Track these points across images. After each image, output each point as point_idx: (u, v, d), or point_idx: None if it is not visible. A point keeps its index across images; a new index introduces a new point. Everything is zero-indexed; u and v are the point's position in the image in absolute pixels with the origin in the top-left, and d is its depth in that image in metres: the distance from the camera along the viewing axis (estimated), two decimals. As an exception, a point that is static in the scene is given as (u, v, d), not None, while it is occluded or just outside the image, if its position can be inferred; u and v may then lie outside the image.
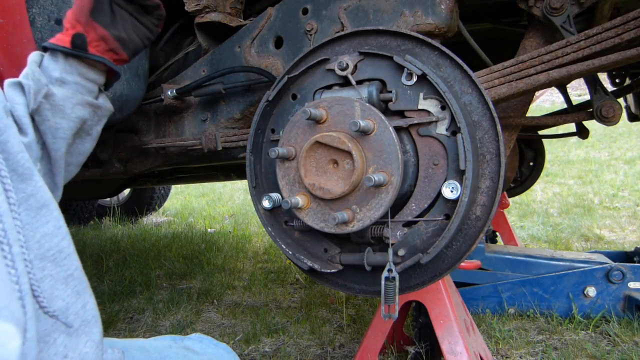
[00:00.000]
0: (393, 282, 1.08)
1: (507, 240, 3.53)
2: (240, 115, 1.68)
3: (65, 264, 0.72)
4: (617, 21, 1.15)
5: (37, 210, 0.71)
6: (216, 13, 1.59)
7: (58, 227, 0.73)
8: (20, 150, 0.71)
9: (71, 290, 0.72)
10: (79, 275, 0.75)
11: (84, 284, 0.76)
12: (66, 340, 0.70)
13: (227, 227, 5.29)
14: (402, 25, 1.33)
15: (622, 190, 6.27)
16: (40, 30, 1.45)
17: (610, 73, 2.56)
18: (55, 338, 0.69)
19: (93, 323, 0.75)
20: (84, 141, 1.02)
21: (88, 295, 0.76)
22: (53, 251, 0.71)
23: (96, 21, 1.00)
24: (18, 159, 0.70)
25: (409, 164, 1.12)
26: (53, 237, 0.71)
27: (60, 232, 0.73)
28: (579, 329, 2.35)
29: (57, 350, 0.68)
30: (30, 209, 0.70)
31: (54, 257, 0.71)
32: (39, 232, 0.70)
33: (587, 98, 1.89)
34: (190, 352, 1.05)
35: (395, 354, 2.02)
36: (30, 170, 0.72)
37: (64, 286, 0.71)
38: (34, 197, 0.71)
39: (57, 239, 0.72)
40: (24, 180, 0.70)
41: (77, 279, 0.74)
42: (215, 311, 2.83)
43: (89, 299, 0.76)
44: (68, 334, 0.70)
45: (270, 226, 1.26)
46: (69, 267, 0.73)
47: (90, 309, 0.76)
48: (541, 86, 1.26)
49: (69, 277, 0.72)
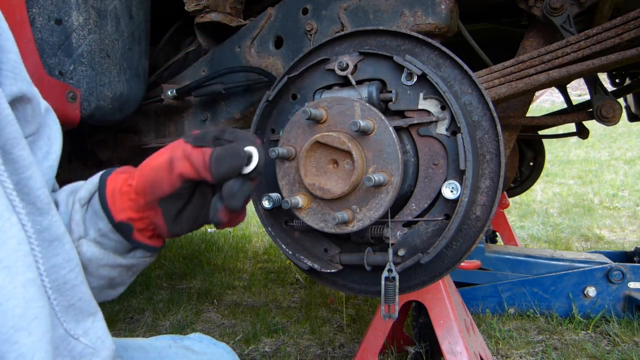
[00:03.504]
0: (393, 282, 1.08)
1: (507, 240, 3.53)
2: (240, 115, 1.68)
3: (68, 295, 0.76)
4: (617, 21, 1.15)
5: (50, 243, 0.74)
6: (216, 13, 1.59)
7: (67, 260, 0.76)
8: (42, 187, 0.73)
9: (71, 318, 0.76)
10: (81, 306, 0.78)
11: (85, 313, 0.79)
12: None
13: (227, 227, 5.28)
14: (402, 25, 1.33)
15: (622, 190, 6.27)
16: (40, 30, 1.45)
17: (610, 73, 2.56)
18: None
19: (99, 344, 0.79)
20: (117, 289, 0.93)
21: (90, 322, 0.79)
22: (58, 282, 0.74)
23: (162, 207, 0.82)
24: (39, 195, 0.73)
25: (409, 164, 1.12)
26: (61, 269, 0.75)
27: (68, 265, 0.76)
28: (579, 329, 2.35)
29: None
30: (43, 240, 0.73)
31: (58, 288, 0.74)
32: (49, 263, 0.73)
33: (587, 98, 1.89)
34: (190, 352, 1.04)
35: (395, 354, 2.02)
36: (48, 205, 0.74)
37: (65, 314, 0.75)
38: (48, 231, 0.74)
39: (65, 271, 0.75)
40: (41, 214, 0.73)
41: (77, 308, 0.77)
42: (215, 311, 2.83)
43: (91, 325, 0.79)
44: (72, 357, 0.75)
45: (270, 226, 1.26)
46: (71, 297, 0.76)
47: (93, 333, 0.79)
48: (541, 86, 1.26)
49: (69, 307, 0.76)
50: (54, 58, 1.47)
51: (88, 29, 1.50)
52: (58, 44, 1.47)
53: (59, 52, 1.48)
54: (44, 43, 1.46)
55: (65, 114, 1.49)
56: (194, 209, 0.84)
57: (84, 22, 1.48)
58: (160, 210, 0.82)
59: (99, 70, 1.54)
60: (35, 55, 1.45)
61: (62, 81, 1.49)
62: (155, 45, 1.94)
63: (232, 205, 0.78)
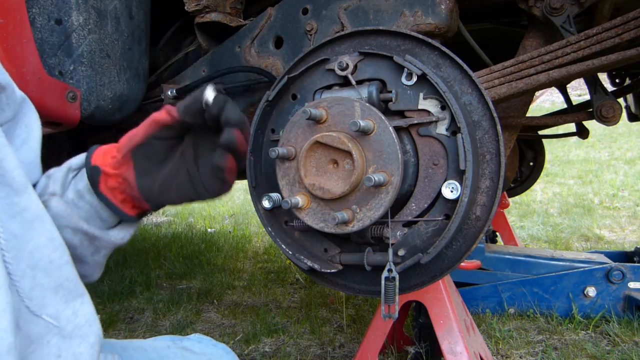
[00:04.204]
0: (393, 282, 1.08)
1: (507, 240, 3.53)
2: (240, 115, 1.68)
3: (55, 275, 0.75)
4: (617, 21, 1.15)
5: (30, 223, 0.74)
6: (216, 13, 1.59)
7: (50, 240, 0.76)
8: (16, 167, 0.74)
9: (60, 299, 0.75)
10: (69, 286, 0.77)
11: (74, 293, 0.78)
12: (60, 342, 0.74)
13: (227, 227, 5.29)
14: (402, 25, 1.33)
15: (622, 190, 6.27)
16: (40, 30, 1.45)
17: (610, 73, 2.56)
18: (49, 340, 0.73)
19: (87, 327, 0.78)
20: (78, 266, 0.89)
21: (79, 303, 0.78)
22: (44, 262, 0.74)
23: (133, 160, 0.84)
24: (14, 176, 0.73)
25: (409, 164, 1.12)
26: (45, 248, 0.74)
27: (52, 244, 0.76)
28: (579, 329, 2.35)
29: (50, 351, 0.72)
30: (24, 221, 0.73)
31: (45, 268, 0.74)
32: (31, 243, 0.73)
33: (587, 98, 1.89)
34: (189, 353, 1.04)
35: (395, 354, 2.02)
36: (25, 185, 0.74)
37: (54, 295, 0.75)
38: (28, 211, 0.74)
39: (49, 251, 0.75)
40: (18, 194, 0.73)
41: (66, 288, 0.77)
42: (215, 311, 2.83)
43: (79, 307, 0.78)
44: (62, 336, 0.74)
45: (270, 226, 1.26)
46: (58, 277, 0.76)
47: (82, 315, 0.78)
48: (541, 86, 1.26)
49: (58, 287, 0.75)
50: (54, 58, 1.47)
51: (88, 29, 1.50)
52: (58, 44, 1.47)
53: (59, 52, 1.48)
54: (44, 43, 1.46)
55: (65, 114, 1.49)
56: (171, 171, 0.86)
57: (84, 22, 1.49)
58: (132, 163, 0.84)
59: (99, 70, 1.54)
60: (35, 55, 1.45)
61: (62, 81, 1.49)
62: (155, 45, 1.94)
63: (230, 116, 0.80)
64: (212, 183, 0.86)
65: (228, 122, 0.80)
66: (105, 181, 0.86)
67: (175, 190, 0.87)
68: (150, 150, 0.85)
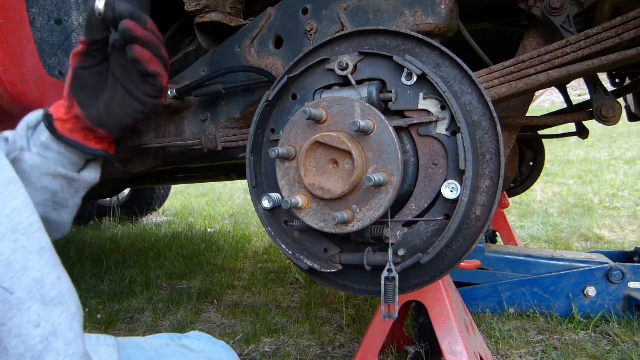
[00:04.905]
0: (393, 282, 1.08)
1: (507, 240, 3.53)
2: (240, 115, 1.68)
3: (37, 237, 0.74)
4: (617, 21, 1.15)
5: (5, 187, 0.73)
6: (216, 13, 1.59)
7: (27, 203, 0.75)
8: None
9: (46, 262, 0.74)
10: (51, 249, 0.76)
11: (56, 258, 0.77)
12: (41, 309, 0.71)
13: (227, 227, 5.29)
14: (402, 25, 1.33)
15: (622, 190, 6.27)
16: (40, 30, 1.45)
17: (610, 73, 2.56)
18: (29, 306, 0.70)
19: (69, 295, 0.76)
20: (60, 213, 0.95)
21: (62, 270, 0.77)
22: (24, 224, 0.73)
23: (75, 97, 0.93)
24: None
25: (409, 164, 1.12)
26: (23, 211, 0.74)
27: (29, 208, 0.75)
28: (579, 329, 2.35)
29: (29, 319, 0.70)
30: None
31: (26, 231, 0.73)
32: (9, 206, 0.72)
33: (587, 98, 1.89)
34: (188, 350, 1.04)
35: (395, 354, 2.02)
36: None
37: (39, 257, 0.73)
38: (1, 174, 0.73)
39: (27, 213, 0.74)
40: None
41: (49, 251, 0.76)
42: (215, 311, 2.83)
43: (62, 273, 0.78)
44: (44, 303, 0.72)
45: (270, 226, 1.26)
46: (41, 240, 0.75)
47: (65, 282, 0.77)
48: (541, 86, 1.26)
49: (42, 250, 0.74)
50: (54, 58, 1.47)
51: (88, 29, 1.50)
52: (58, 44, 1.47)
53: (59, 52, 1.48)
54: (44, 43, 1.46)
55: (65, 114, 1.49)
56: (109, 93, 0.95)
57: (84, 22, 1.49)
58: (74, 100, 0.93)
59: (99, 70, 1.54)
60: (35, 55, 1.45)
61: (62, 81, 1.49)
62: (155, 45, 1.94)
63: (120, 11, 0.90)
64: (145, 86, 0.96)
65: (121, 16, 0.88)
66: (62, 126, 0.93)
67: (119, 107, 0.96)
68: (83, 82, 0.92)
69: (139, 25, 0.89)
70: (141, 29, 0.89)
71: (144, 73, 0.92)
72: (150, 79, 0.94)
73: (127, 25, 0.87)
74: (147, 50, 0.91)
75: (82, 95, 0.92)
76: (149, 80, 0.95)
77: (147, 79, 0.94)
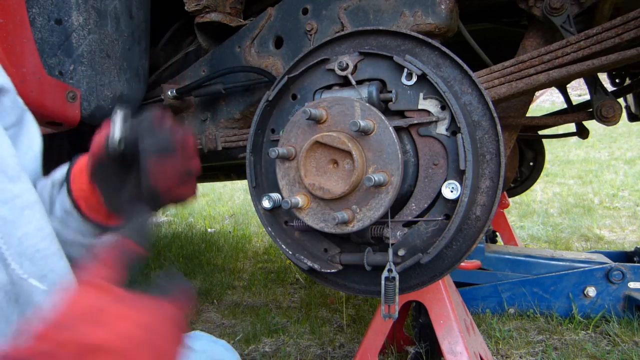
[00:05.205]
0: (393, 282, 1.08)
1: (507, 240, 3.53)
2: (240, 115, 1.68)
3: (40, 264, 0.77)
4: (617, 21, 1.15)
5: (21, 210, 0.75)
6: (216, 13, 1.59)
7: (39, 229, 0.77)
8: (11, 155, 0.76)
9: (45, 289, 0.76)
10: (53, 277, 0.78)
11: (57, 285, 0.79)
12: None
13: (227, 227, 5.29)
14: (402, 25, 1.33)
15: (622, 190, 6.27)
16: (40, 30, 1.45)
17: (610, 73, 2.56)
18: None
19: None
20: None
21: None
22: (31, 250, 0.75)
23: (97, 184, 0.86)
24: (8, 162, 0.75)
25: (409, 164, 1.12)
26: (33, 237, 0.76)
27: (40, 234, 0.77)
28: (579, 329, 2.35)
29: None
30: (15, 208, 0.74)
31: (32, 256, 0.75)
32: (21, 230, 0.74)
33: (587, 98, 1.89)
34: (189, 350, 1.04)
35: (395, 354, 2.02)
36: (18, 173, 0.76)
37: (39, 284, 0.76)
38: (20, 198, 0.75)
39: (37, 240, 0.76)
40: (12, 181, 0.75)
41: (49, 280, 0.78)
42: (215, 311, 2.83)
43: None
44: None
45: (270, 226, 1.26)
46: (43, 267, 0.77)
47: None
48: (541, 86, 1.26)
49: (42, 277, 0.77)
50: (54, 58, 1.47)
51: (88, 29, 1.50)
52: (58, 44, 1.47)
53: (59, 52, 1.48)
54: (44, 43, 1.46)
55: (65, 114, 1.49)
56: (132, 190, 0.86)
57: (84, 22, 1.48)
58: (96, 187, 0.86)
59: (99, 70, 1.54)
60: (35, 55, 1.44)
61: (62, 81, 1.49)
62: (155, 45, 1.94)
63: (143, 148, 0.79)
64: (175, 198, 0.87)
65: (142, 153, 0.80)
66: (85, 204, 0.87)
67: (143, 203, 0.86)
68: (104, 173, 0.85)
69: (163, 162, 0.82)
70: (166, 168, 0.82)
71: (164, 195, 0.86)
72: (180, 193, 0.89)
73: (149, 172, 0.80)
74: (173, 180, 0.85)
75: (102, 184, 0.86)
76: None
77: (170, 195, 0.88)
